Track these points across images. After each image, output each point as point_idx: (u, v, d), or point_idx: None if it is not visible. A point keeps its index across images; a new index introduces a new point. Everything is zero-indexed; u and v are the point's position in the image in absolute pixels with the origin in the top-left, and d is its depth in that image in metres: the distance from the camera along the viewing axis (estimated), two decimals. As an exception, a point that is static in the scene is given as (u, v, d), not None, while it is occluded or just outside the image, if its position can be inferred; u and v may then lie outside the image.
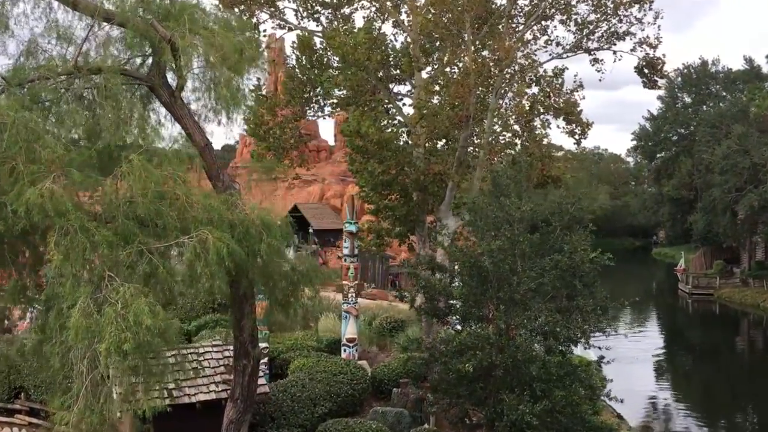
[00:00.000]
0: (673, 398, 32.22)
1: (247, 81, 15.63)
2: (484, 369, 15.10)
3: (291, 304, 12.67)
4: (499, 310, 15.44)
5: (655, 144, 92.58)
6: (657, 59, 24.07)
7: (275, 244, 11.12)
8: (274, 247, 11.12)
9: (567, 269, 15.15)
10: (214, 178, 13.35)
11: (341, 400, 19.46)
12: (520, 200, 16.51)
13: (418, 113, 21.08)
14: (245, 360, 13.92)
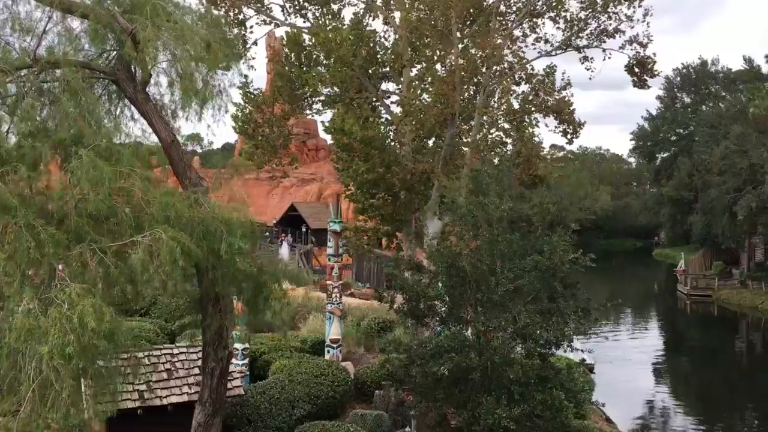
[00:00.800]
0: (669, 399, 31.87)
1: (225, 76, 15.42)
2: (461, 372, 14.73)
3: (257, 305, 12.29)
4: (477, 312, 15.08)
5: (654, 144, 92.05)
6: (647, 58, 23.69)
7: (237, 244, 10.76)
8: (235, 247, 10.74)
9: (546, 270, 14.78)
10: (181, 175, 13.03)
11: (321, 403, 19.12)
12: (502, 200, 16.14)
13: (403, 111, 20.72)
14: (213, 362, 13.56)
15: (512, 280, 14.86)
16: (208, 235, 10.63)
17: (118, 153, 10.41)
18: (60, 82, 11.39)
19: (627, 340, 45.34)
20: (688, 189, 73.96)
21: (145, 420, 15.40)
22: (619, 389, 32.09)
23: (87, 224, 9.73)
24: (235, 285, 12.04)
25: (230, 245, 10.72)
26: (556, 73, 25.61)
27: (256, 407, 17.95)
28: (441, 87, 19.68)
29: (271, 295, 12.22)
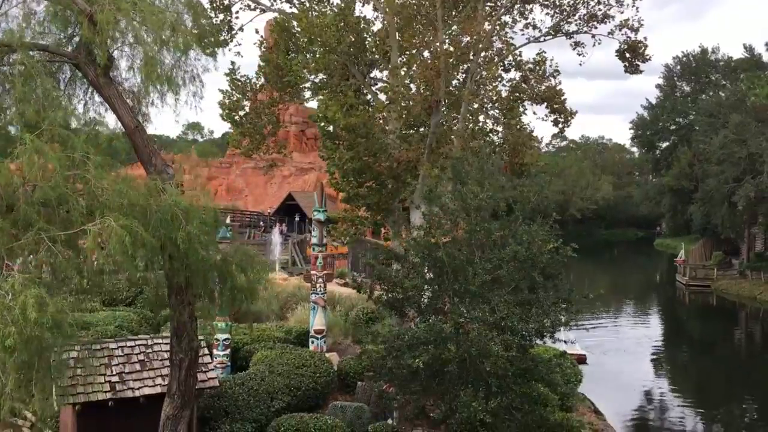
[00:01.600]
0: (666, 390, 31.40)
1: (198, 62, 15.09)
2: (437, 364, 14.43)
3: (222, 295, 11.97)
4: (453, 303, 14.75)
5: (654, 133, 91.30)
6: (638, 43, 23.25)
7: (196, 232, 10.43)
8: (194, 235, 10.42)
9: (524, 260, 14.44)
10: (146, 162, 12.70)
11: (302, 394, 18.84)
12: (482, 188, 15.79)
13: (387, 97, 20.32)
14: (181, 353, 13.28)
15: (489, 270, 14.52)
16: (165, 224, 10.30)
17: (73, 139, 10.07)
18: (15, 65, 11.08)
19: (623, 330, 45.03)
20: (689, 179, 73.41)
21: (116, 412, 15.14)
22: (614, 380, 31.81)
23: (37, 212, 9.41)
24: (199, 275, 11.72)
25: (188, 234, 10.39)
26: (546, 61, 25.35)
27: (233, 399, 17.67)
28: (425, 73, 19.27)
29: (236, 286, 11.88)
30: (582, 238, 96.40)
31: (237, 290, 11.87)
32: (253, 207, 75.39)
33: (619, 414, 26.65)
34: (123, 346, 16.35)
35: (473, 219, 14.79)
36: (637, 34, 23.12)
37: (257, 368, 19.38)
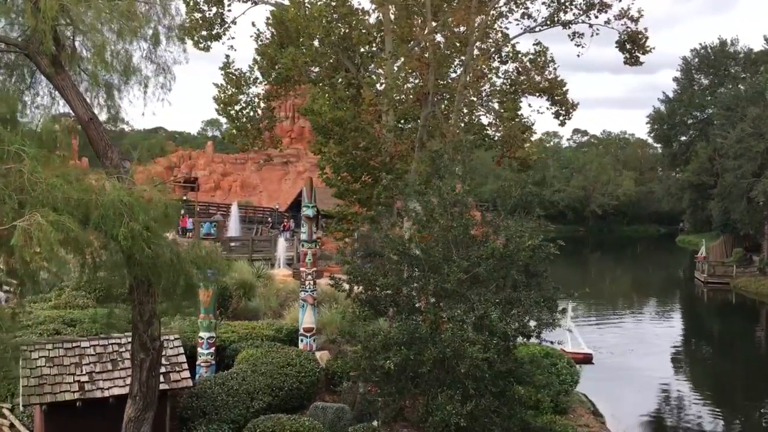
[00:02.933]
0: (677, 389, 30.38)
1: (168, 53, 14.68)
2: (410, 366, 13.89)
3: (175, 293, 11.51)
4: (429, 302, 14.20)
5: (670, 128, 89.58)
6: (639, 33, 22.48)
7: (139, 228, 9.97)
8: (137, 232, 9.95)
9: (502, 258, 13.84)
10: (102, 156, 12.29)
11: (284, 394, 18.38)
12: (464, 183, 15.21)
13: (375, 90, 19.77)
14: (142, 353, 12.84)
15: (466, 268, 13.94)
16: (108, 220, 9.86)
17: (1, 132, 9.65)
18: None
19: (636, 328, 44.12)
20: (709, 174, 71.93)
21: (84, 412, 14.78)
22: (623, 379, 31.04)
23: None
24: (152, 272, 11.28)
25: (131, 230, 9.94)
26: (546, 52, 24.68)
27: (212, 399, 17.27)
28: (413, 64, 18.69)
29: (191, 284, 11.41)
30: (603, 235, 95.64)
31: (191, 288, 11.38)
32: (267, 203, 75.14)
33: (624, 415, 25.85)
34: (95, 345, 15.98)
35: (450, 214, 14.20)
36: (638, 24, 22.37)
37: (240, 367, 18.96)
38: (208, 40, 26.45)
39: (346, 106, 20.25)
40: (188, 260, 11.36)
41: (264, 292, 30.72)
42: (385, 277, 14.42)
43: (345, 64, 22.62)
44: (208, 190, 77.20)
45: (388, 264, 14.88)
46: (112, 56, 12.12)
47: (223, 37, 26.29)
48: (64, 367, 15.21)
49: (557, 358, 21.91)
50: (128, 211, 10.03)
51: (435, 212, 14.35)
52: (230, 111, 26.82)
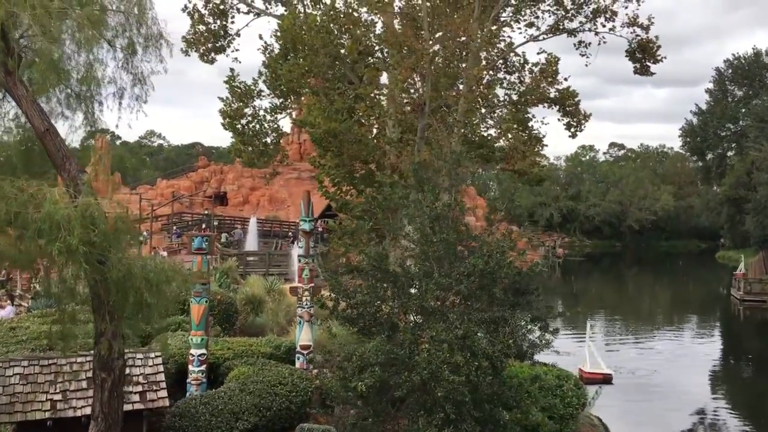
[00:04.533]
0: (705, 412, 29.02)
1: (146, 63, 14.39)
2: (389, 388, 13.23)
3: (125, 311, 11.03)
4: (407, 321, 13.53)
5: (703, 140, 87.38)
6: (650, 42, 21.59)
7: (76, 243, 9.51)
8: (74, 247, 9.50)
9: (482, 275, 13.11)
10: (60, 167, 11.91)
11: (272, 415, 17.74)
12: (450, 196, 14.54)
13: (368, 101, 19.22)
14: (103, 373, 12.42)
15: (444, 286, 13.25)
16: (42, 234, 9.44)
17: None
18: None
19: (664, 347, 42.61)
20: (746, 188, 69.82)
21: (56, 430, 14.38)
22: (644, 401, 29.79)
23: None
24: (103, 288, 10.85)
25: (67, 245, 9.49)
26: (558, 62, 23.92)
27: (194, 419, 16.74)
28: (406, 74, 18.11)
29: (142, 301, 10.92)
30: (641, 250, 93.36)
31: (143, 306, 10.87)
32: (295, 217, 75.00)
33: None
34: (72, 362, 15.58)
35: (428, 228, 13.53)
36: (648, 32, 21.48)
37: (228, 386, 18.41)
38: (212, 52, 26.26)
39: (342, 117, 19.71)
40: (140, 276, 10.87)
41: (273, 307, 30.24)
42: (363, 294, 13.79)
43: (348, 76, 22.12)
44: (237, 204, 77.35)
45: (370, 280, 14.26)
46: (70, 66, 11.77)
47: (228, 50, 26.06)
48: (37, 385, 14.86)
49: (564, 380, 20.95)
50: (66, 225, 9.59)
51: (418, 227, 13.71)
52: (236, 125, 26.53)
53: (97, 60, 13.92)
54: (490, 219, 14.55)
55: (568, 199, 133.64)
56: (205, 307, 19.74)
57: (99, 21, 12.13)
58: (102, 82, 13.99)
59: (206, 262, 19.91)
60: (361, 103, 20.11)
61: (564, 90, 24.11)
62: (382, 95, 20.20)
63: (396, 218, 14.59)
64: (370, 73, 20.19)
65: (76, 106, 12.99)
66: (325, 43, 20.33)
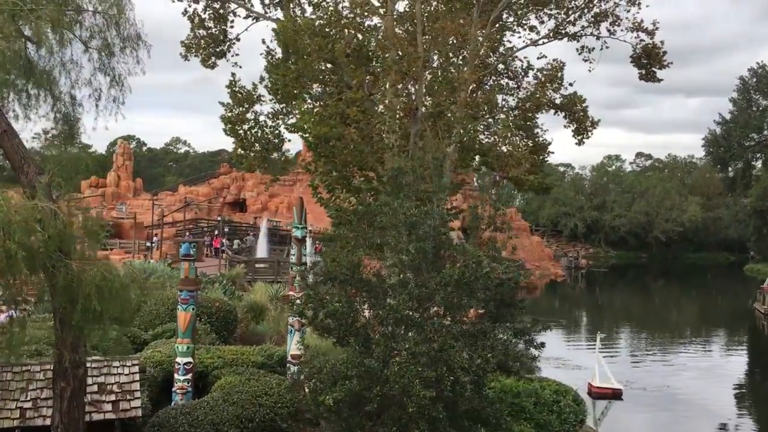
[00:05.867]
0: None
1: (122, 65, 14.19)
2: (362, 402, 12.71)
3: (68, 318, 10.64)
4: (381, 332, 13.01)
5: (726, 150, 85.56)
6: (655, 47, 20.89)
7: (14, 248, 9.14)
8: (12, 251, 9.13)
9: (460, 286, 12.56)
10: (18, 170, 11.58)
11: (255, 426, 17.28)
12: (431, 203, 14.01)
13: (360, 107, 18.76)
14: (63, 382, 12.05)
15: (420, 297, 12.71)
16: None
17: None
18: None
19: (680, 362, 41.50)
20: (775, 199, 68.29)
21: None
22: (653, 418, 28.88)
23: None
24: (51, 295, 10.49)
25: (6, 250, 9.12)
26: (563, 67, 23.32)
27: (173, 429, 16.33)
28: (396, 78, 17.63)
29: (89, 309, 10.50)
30: (667, 262, 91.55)
31: (91, 314, 10.46)
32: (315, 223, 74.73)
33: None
34: (47, 369, 15.26)
35: (403, 236, 13.01)
36: (653, 37, 20.78)
37: (211, 396, 18.00)
38: (213, 57, 25.99)
39: (334, 122, 19.28)
40: (90, 283, 10.46)
41: (275, 315, 29.86)
42: (334, 304, 13.30)
43: (344, 81, 21.69)
44: (256, 211, 77.32)
45: (343, 289, 13.75)
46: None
47: (228, 55, 25.77)
48: (8, 393, 14.55)
49: (561, 395, 20.31)
50: (7, 228, 9.23)
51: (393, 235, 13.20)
52: (238, 130, 26.17)
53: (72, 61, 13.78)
54: (472, 227, 13.99)
55: (593, 210, 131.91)
56: (191, 314, 19.38)
57: (59, 20, 11.83)
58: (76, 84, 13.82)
59: (193, 269, 19.54)
60: (353, 108, 19.64)
61: (570, 95, 23.44)
62: (377, 100, 19.68)
63: (374, 226, 14.06)
64: (361, 76, 19.68)
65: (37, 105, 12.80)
66: (320, 46, 19.90)
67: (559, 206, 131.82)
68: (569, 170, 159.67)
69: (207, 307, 25.81)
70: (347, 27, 21.67)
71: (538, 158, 24.18)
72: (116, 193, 79.29)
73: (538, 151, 24.09)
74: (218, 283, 34.66)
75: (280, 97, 25.17)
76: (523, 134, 24.11)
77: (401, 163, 14.41)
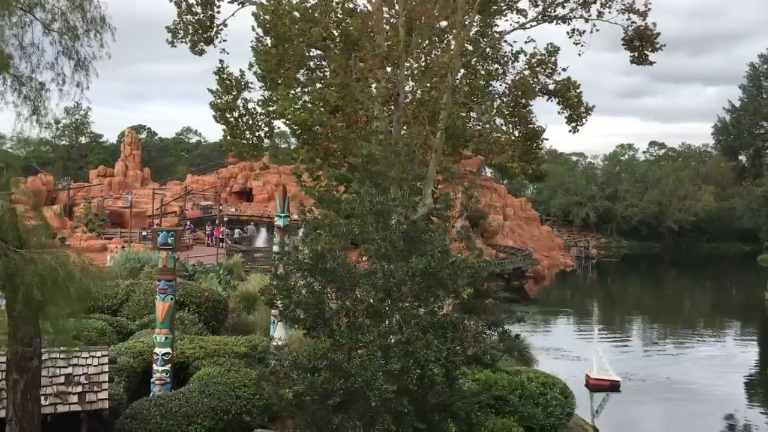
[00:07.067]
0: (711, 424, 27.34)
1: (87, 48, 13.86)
2: (319, 395, 12.33)
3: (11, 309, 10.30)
4: (345, 323, 12.61)
5: (736, 138, 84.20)
6: (647, 29, 20.27)
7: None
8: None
9: (423, 275, 12.12)
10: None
11: (230, 418, 16.98)
12: (404, 191, 13.58)
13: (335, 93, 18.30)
14: (16, 374, 11.73)
15: (386, 288, 12.30)
16: None
17: None
18: None
19: (682, 352, 40.90)
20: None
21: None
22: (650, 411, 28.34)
23: None
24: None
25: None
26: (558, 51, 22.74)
27: (145, 421, 16.04)
28: (374, 62, 17.14)
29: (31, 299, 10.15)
30: (680, 252, 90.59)
31: (33, 305, 10.11)
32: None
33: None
34: (2, 362, 14.94)
35: (369, 225, 12.58)
36: (645, 19, 20.17)
37: (188, 387, 17.69)
38: (201, 43, 25.60)
39: (316, 108, 18.83)
40: (31, 273, 10.10)
41: (265, 304, 29.53)
42: (299, 294, 12.92)
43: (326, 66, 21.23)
44: (262, 201, 77.03)
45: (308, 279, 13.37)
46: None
47: (216, 41, 25.36)
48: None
49: (548, 387, 19.83)
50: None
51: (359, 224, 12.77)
52: (228, 118, 25.78)
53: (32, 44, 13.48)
54: (443, 216, 13.54)
55: (604, 199, 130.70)
56: (170, 304, 19.09)
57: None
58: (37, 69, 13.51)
59: (171, 258, 19.21)
60: (333, 94, 19.18)
61: (564, 81, 22.86)
62: (360, 86, 19.19)
63: (339, 214, 13.65)
64: (340, 60, 19.17)
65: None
66: (303, 31, 19.43)
67: (571, 196, 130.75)
68: (582, 159, 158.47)
69: (196, 297, 25.52)
70: (333, 11, 21.19)
71: (531, 145, 23.65)
72: (123, 182, 79.29)
73: (531, 138, 23.54)
74: (214, 273, 34.36)
75: (269, 84, 24.77)
76: (516, 120, 23.55)
77: (371, 149, 13.95)
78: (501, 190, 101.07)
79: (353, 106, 19.51)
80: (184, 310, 24.67)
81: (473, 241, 13.63)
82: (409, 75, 19.08)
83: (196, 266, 35.82)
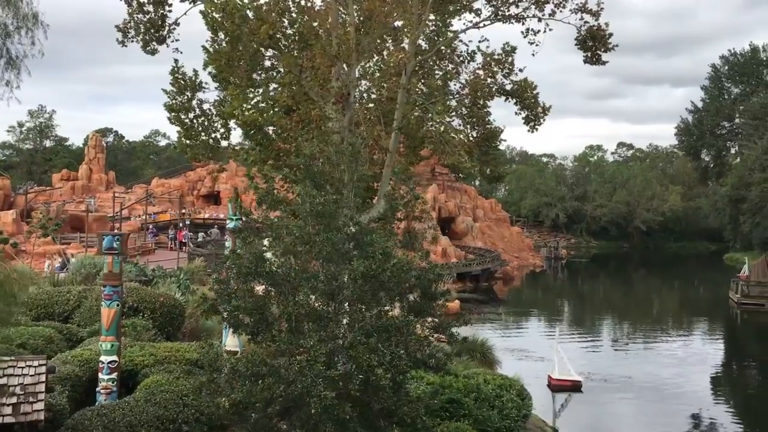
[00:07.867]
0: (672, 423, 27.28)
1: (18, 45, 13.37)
2: (261, 404, 11.96)
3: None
4: (285, 328, 12.25)
5: (698, 139, 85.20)
6: (600, 29, 20.17)
7: None
8: None
9: (368, 278, 11.81)
10: None
11: (176, 428, 16.49)
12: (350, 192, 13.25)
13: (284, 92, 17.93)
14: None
15: (326, 291, 11.96)
16: None
17: None
18: None
19: (645, 352, 41.03)
20: (748, 187, 67.77)
21: None
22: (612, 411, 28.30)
23: None
24: None
25: None
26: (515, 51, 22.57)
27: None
28: (321, 60, 16.79)
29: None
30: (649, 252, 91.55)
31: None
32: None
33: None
34: (-55, 371, 14.38)
35: (310, 227, 12.24)
36: (598, 19, 20.06)
37: (134, 396, 17.17)
38: (154, 42, 25.09)
39: (268, 108, 18.43)
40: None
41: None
42: (235, 298, 12.55)
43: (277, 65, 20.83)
44: (229, 204, 76.22)
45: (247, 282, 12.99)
46: None
47: (168, 40, 24.83)
48: None
49: (505, 389, 19.62)
50: None
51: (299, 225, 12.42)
52: (183, 119, 25.22)
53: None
54: (386, 217, 13.24)
55: (574, 200, 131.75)
56: (116, 310, 18.51)
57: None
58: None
59: (117, 263, 18.67)
60: (282, 94, 18.80)
61: (521, 81, 22.70)
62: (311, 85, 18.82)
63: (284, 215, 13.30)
64: (289, 59, 18.77)
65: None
66: (252, 30, 19.01)
67: (541, 197, 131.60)
68: (552, 161, 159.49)
69: (150, 303, 24.94)
70: (287, 10, 20.79)
71: (489, 146, 23.45)
72: (87, 186, 78.11)
73: (488, 138, 23.33)
74: (174, 278, 33.76)
75: (222, 84, 24.30)
76: (474, 121, 23.32)
77: (313, 149, 13.62)
78: (471, 191, 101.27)
79: (306, 106, 19.12)
80: (137, 316, 24.12)
81: (420, 242, 13.32)
82: (362, 75, 18.74)
83: (156, 271, 35.20)
